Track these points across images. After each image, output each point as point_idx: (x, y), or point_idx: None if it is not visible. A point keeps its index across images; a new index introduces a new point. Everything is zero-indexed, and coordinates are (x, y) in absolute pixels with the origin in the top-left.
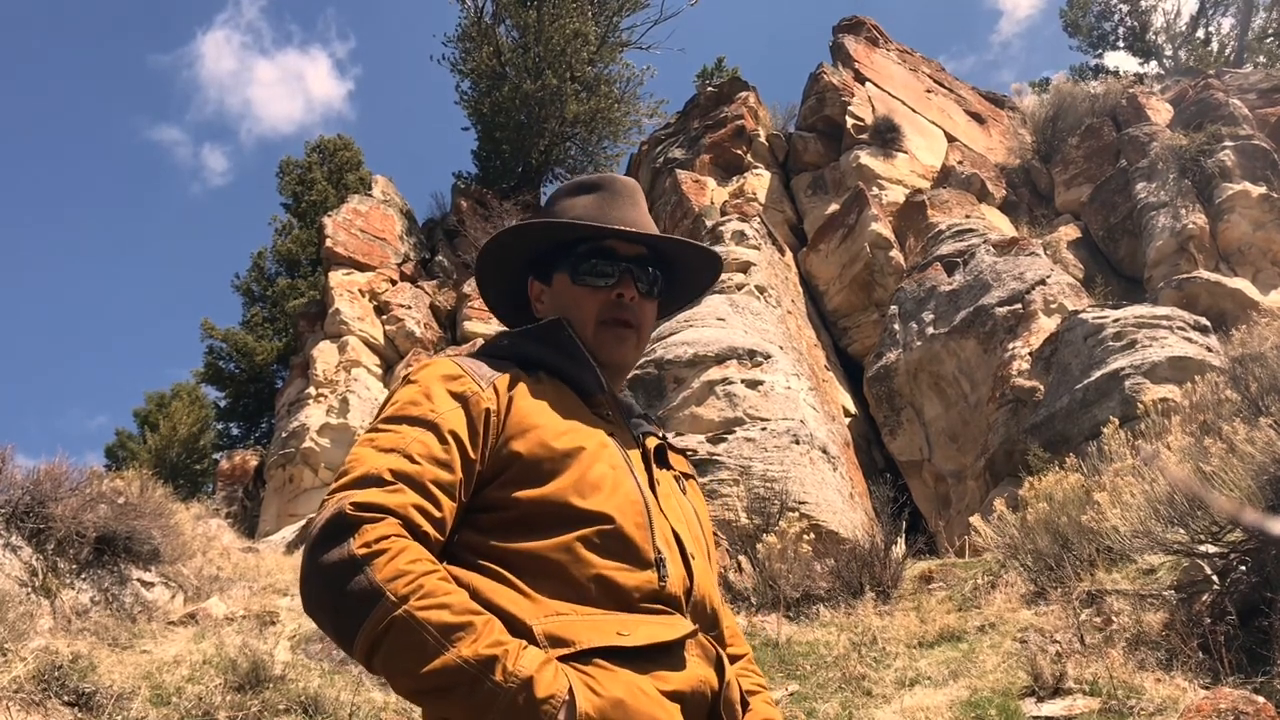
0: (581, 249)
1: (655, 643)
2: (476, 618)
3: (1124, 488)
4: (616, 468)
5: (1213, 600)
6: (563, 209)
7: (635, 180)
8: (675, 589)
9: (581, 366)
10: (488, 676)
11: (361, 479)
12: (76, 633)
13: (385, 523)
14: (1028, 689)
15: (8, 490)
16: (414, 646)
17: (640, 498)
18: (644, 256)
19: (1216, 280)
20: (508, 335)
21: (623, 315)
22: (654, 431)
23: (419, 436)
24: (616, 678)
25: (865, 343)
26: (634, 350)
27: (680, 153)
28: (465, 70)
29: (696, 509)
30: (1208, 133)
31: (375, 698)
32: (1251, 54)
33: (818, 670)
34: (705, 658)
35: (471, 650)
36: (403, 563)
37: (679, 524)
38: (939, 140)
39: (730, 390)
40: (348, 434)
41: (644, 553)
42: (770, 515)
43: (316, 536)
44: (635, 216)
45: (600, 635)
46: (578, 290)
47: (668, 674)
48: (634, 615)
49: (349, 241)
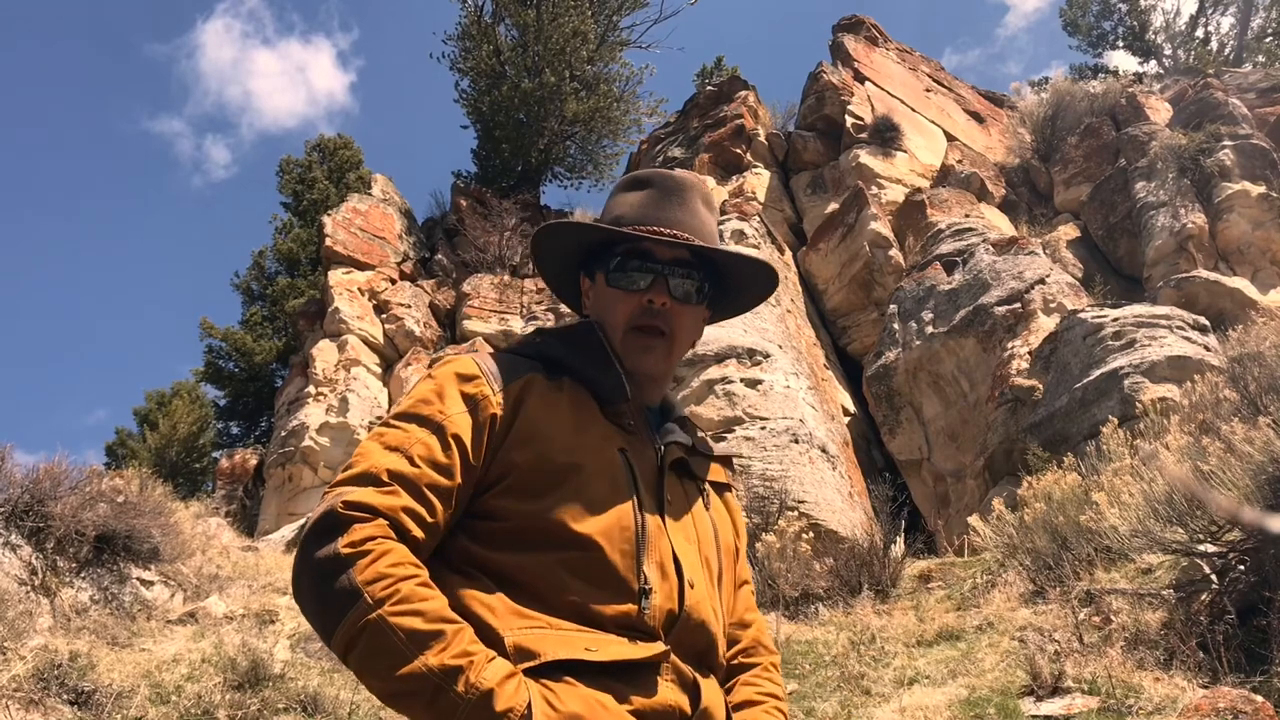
0: (619, 250)
1: (623, 660)
2: (448, 626)
3: (1123, 487)
4: (616, 489)
5: (1211, 599)
6: (614, 205)
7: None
8: (654, 620)
9: (605, 372)
10: (450, 686)
11: (360, 476)
12: (76, 631)
13: (374, 524)
14: (1026, 688)
15: (7, 489)
16: (385, 650)
17: (633, 523)
18: (685, 260)
19: (1215, 279)
20: (541, 333)
21: (653, 322)
22: (683, 441)
23: (423, 438)
24: (577, 693)
25: (864, 342)
26: (663, 360)
27: (680, 152)
28: (465, 69)
29: (718, 524)
30: (1207, 132)
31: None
32: (1251, 53)
33: (816, 669)
34: (679, 683)
35: (438, 659)
36: (384, 565)
37: (686, 545)
38: (938, 139)
39: (729, 389)
40: (347, 433)
41: (626, 582)
42: (769, 514)
43: (310, 531)
44: (682, 217)
45: (568, 649)
46: (611, 293)
47: (634, 695)
48: (604, 634)
49: (349, 240)
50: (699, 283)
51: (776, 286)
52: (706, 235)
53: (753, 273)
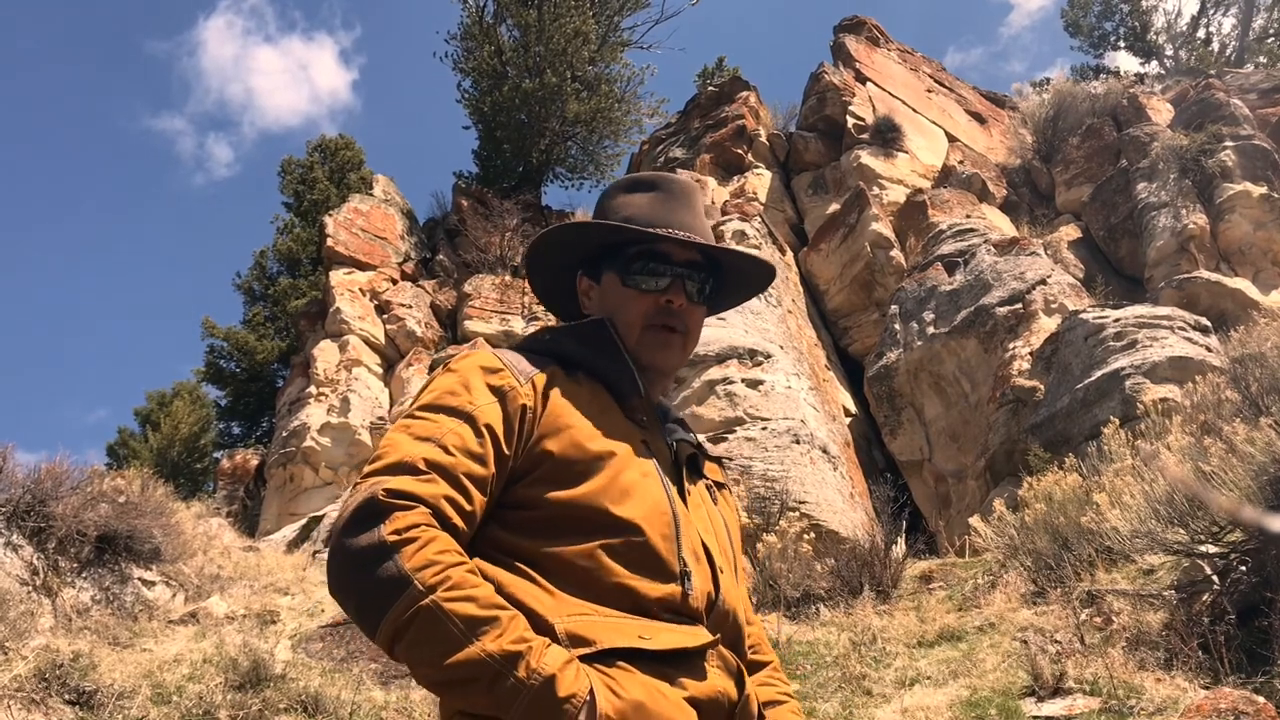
0: (633, 250)
1: (676, 648)
2: (503, 612)
3: (1124, 488)
4: (647, 475)
5: (1212, 600)
6: (617, 206)
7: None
8: (698, 602)
9: (620, 369)
10: (511, 672)
11: (395, 465)
12: (77, 631)
13: (416, 511)
14: (1028, 689)
15: (9, 489)
16: (439, 637)
17: (669, 508)
18: (696, 262)
19: (1217, 280)
20: (550, 330)
21: (670, 321)
22: (689, 439)
23: (455, 428)
24: (636, 680)
25: (866, 342)
26: (679, 355)
27: (681, 152)
28: (466, 69)
29: (727, 520)
30: (1208, 133)
31: (376, 697)
32: (1252, 54)
33: (818, 670)
34: (725, 669)
35: (496, 645)
36: (432, 552)
37: (708, 535)
38: (940, 140)
39: (731, 390)
40: (348, 433)
41: (669, 565)
42: (770, 515)
43: (348, 519)
44: (690, 220)
45: (622, 637)
46: (627, 292)
47: (687, 681)
48: (655, 622)
49: (350, 241)
50: (703, 283)
51: (771, 283)
52: (708, 237)
53: (751, 272)
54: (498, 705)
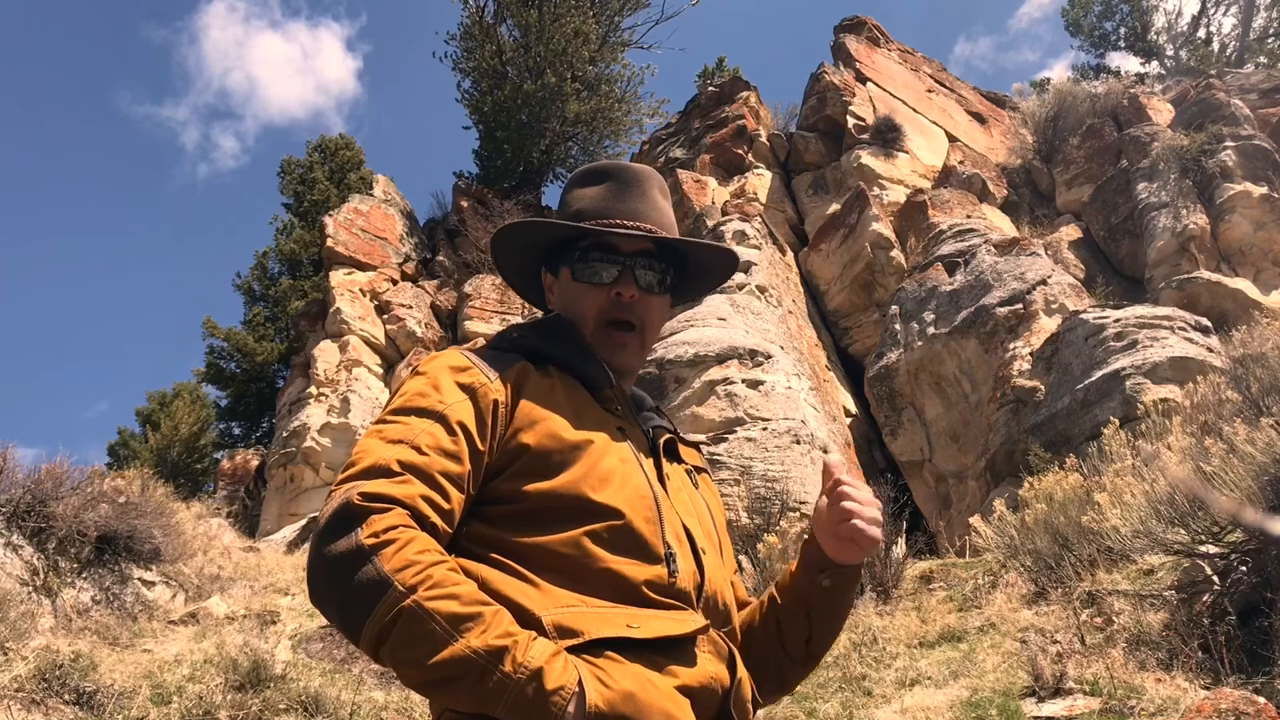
0: (583, 244)
1: (665, 636)
2: (486, 608)
3: (1124, 488)
4: (626, 461)
5: (1213, 600)
6: (571, 200)
7: (649, 168)
8: (686, 584)
9: (588, 361)
10: (497, 667)
11: (369, 470)
12: (77, 632)
13: (393, 513)
14: (1028, 689)
15: (9, 489)
16: (423, 637)
17: (650, 492)
18: (649, 251)
19: (1217, 280)
20: (516, 328)
21: (622, 315)
22: (664, 426)
23: (427, 428)
24: (626, 670)
25: (866, 343)
26: (635, 354)
27: (681, 152)
28: (467, 69)
29: (709, 503)
30: (1209, 133)
31: (376, 697)
32: (1253, 54)
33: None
34: (717, 654)
35: (481, 641)
36: (411, 553)
37: (690, 518)
38: (940, 140)
39: (731, 390)
40: (349, 433)
41: (653, 547)
42: (771, 515)
43: (324, 527)
44: (643, 209)
45: (610, 626)
46: (578, 287)
47: (678, 668)
48: (644, 609)
49: (350, 241)
50: (661, 273)
51: (735, 270)
52: (666, 225)
53: (712, 259)
54: (486, 701)
